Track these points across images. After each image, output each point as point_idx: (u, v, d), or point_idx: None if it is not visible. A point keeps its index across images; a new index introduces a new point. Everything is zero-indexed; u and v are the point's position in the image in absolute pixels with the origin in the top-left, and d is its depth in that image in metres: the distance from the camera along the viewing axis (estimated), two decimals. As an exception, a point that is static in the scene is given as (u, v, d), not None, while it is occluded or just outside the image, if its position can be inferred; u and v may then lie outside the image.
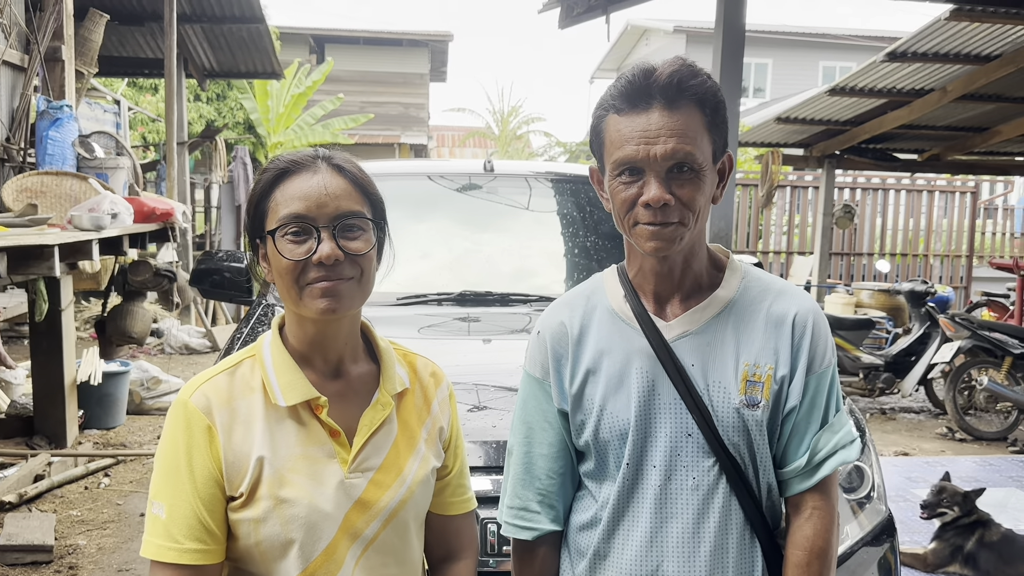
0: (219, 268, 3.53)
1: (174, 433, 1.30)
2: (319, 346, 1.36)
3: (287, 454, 1.30)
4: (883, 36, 21.86)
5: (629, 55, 26.41)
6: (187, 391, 1.33)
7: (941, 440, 6.61)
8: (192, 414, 1.30)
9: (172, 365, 8.22)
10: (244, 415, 1.31)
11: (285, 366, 1.33)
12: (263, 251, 1.36)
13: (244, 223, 1.42)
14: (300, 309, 1.32)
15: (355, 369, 1.39)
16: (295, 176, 1.32)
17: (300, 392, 1.32)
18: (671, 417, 1.38)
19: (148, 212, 5.17)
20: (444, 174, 3.74)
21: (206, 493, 1.28)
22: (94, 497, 4.74)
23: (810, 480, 1.39)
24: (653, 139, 1.30)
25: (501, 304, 3.11)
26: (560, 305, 1.51)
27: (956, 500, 4.05)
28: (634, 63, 1.39)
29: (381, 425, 1.37)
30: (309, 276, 1.29)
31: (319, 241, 1.29)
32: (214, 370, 1.36)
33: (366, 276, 1.34)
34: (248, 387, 1.34)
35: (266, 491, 1.28)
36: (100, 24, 6.13)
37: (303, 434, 1.32)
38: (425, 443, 1.42)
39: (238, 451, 1.29)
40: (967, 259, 12.72)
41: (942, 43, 6.93)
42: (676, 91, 1.31)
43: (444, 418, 1.47)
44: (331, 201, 1.30)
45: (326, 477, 1.31)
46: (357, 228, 1.32)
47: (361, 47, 21.35)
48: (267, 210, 1.33)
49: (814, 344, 1.39)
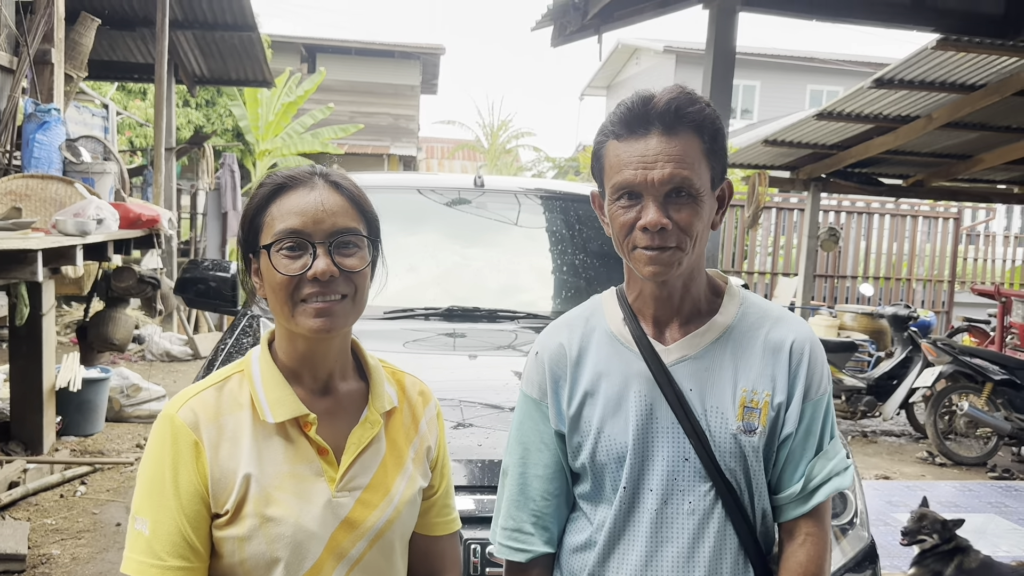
0: (204, 277, 3.51)
1: (160, 448, 1.28)
2: (309, 363, 1.35)
3: (274, 471, 1.29)
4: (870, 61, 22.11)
5: (619, 73, 26.56)
6: (174, 405, 1.31)
7: (921, 464, 6.64)
8: (179, 429, 1.28)
9: (153, 372, 8.14)
10: (231, 431, 1.30)
11: (274, 382, 1.32)
12: (256, 265, 1.35)
13: (238, 236, 1.41)
14: (292, 326, 1.31)
15: (344, 386, 1.38)
16: (292, 191, 1.32)
17: (289, 409, 1.30)
18: (669, 441, 1.38)
19: (134, 218, 5.13)
20: (434, 188, 3.74)
21: (191, 510, 1.26)
22: (70, 505, 4.68)
23: (804, 506, 1.40)
24: (651, 164, 1.31)
25: (488, 320, 3.11)
26: (559, 326, 1.51)
27: (936, 528, 4.06)
28: (623, 81, 1.41)
29: (369, 444, 1.36)
30: (303, 292, 1.28)
31: (314, 257, 1.28)
32: (201, 385, 1.35)
33: (360, 294, 1.33)
34: (236, 403, 1.32)
35: (252, 509, 1.26)
36: (91, 28, 6.11)
37: (291, 451, 1.30)
38: (412, 462, 1.41)
39: (224, 468, 1.27)
40: (949, 284, 12.83)
41: (929, 71, 7.01)
42: (674, 117, 1.32)
43: (432, 437, 1.47)
44: (327, 217, 1.30)
45: (313, 496, 1.29)
46: (353, 245, 1.31)
47: (353, 57, 21.37)
48: (262, 224, 1.33)
49: (811, 372, 1.40)
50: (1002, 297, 8.43)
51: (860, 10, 5.66)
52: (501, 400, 2.47)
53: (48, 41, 5.32)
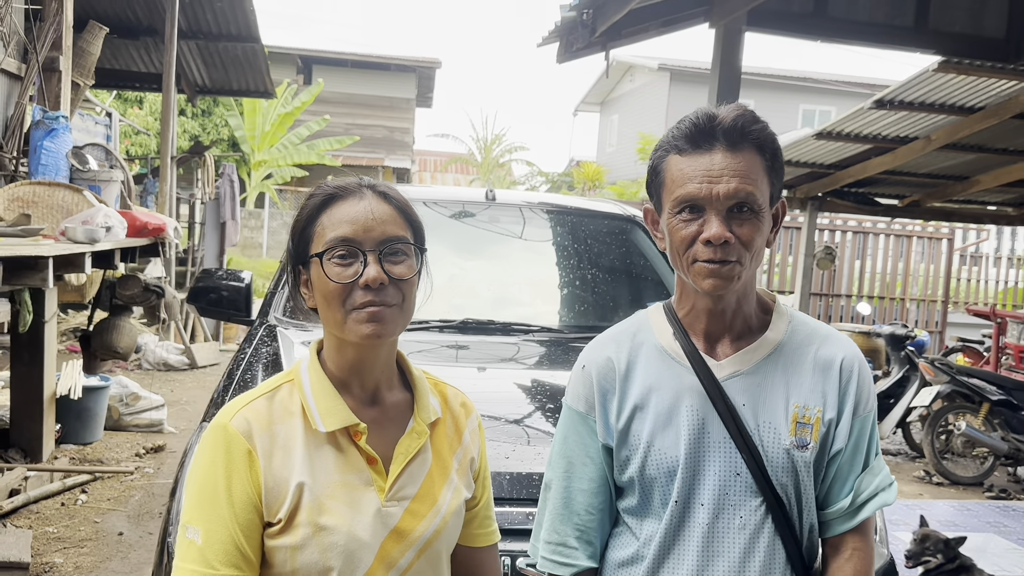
0: (218, 287, 3.51)
1: (212, 456, 1.29)
2: (358, 372, 1.36)
3: (326, 480, 1.30)
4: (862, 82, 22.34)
5: (613, 90, 26.71)
6: (226, 414, 1.32)
7: (919, 483, 6.67)
8: (233, 438, 1.29)
9: (150, 381, 8.11)
10: (283, 440, 1.31)
11: (324, 391, 1.34)
12: (305, 277, 1.37)
13: (288, 248, 1.42)
14: (344, 333, 1.32)
15: (390, 397, 1.40)
16: (342, 201, 1.34)
17: (340, 418, 1.32)
18: (720, 456, 1.39)
19: (140, 226, 5.13)
20: (447, 201, 3.76)
21: (244, 518, 1.26)
22: (71, 514, 4.65)
23: (852, 521, 1.42)
24: (716, 178, 1.33)
25: (503, 333, 3.12)
26: (605, 340, 1.52)
27: (939, 548, 4.08)
28: (618, 97, 1.44)
29: (416, 454, 1.37)
30: (355, 300, 1.30)
31: (365, 264, 1.30)
32: (252, 394, 1.36)
33: (408, 302, 1.35)
34: (287, 412, 1.33)
35: (305, 518, 1.27)
36: (99, 36, 6.12)
37: (341, 460, 1.32)
38: (457, 473, 1.42)
39: (278, 476, 1.28)
40: (943, 304, 12.92)
41: (929, 93, 7.08)
42: (739, 135, 1.35)
43: (475, 448, 1.48)
44: (377, 226, 1.32)
45: (364, 505, 1.31)
46: (401, 253, 1.33)
47: (349, 70, 21.45)
48: (313, 235, 1.35)
49: (860, 389, 1.43)
50: (997, 318, 8.50)
51: (864, 32, 5.73)
52: (522, 412, 2.48)
53: (56, 49, 5.32)
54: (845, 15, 5.65)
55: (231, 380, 2.57)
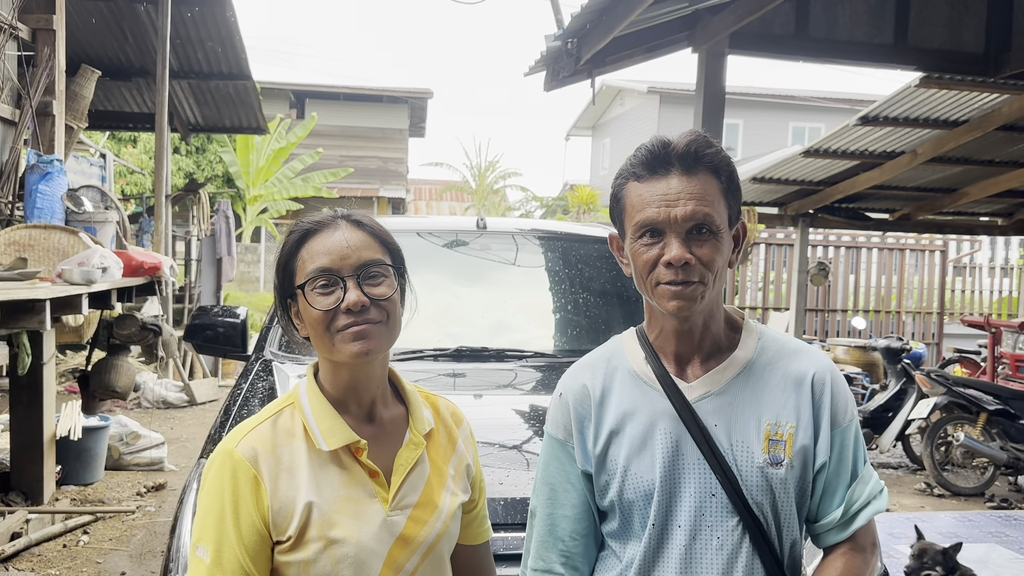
0: (214, 323, 3.55)
1: (219, 481, 1.36)
2: (354, 391, 1.44)
3: (332, 496, 1.38)
4: (850, 98, 22.53)
5: (604, 114, 26.92)
6: (232, 440, 1.39)
7: (920, 496, 6.67)
8: (238, 464, 1.36)
9: (150, 420, 8.11)
10: (288, 462, 1.38)
11: (324, 412, 1.41)
12: (295, 309, 1.45)
13: (275, 284, 1.50)
14: (334, 355, 1.40)
15: (386, 412, 1.48)
16: (318, 235, 1.43)
17: (341, 437, 1.40)
18: (695, 477, 1.41)
19: (136, 266, 5.17)
20: (438, 231, 3.80)
21: (249, 540, 1.34)
22: (73, 555, 4.65)
23: (845, 532, 1.44)
24: (673, 202, 1.37)
25: (497, 360, 3.15)
26: (581, 368, 1.55)
27: (938, 560, 4.08)
28: (609, 121, 1.48)
29: (415, 464, 1.45)
30: (339, 323, 1.38)
31: (346, 290, 1.38)
32: (256, 419, 1.44)
33: (393, 319, 1.43)
34: (290, 434, 1.41)
35: (316, 533, 1.35)
36: (92, 80, 6.20)
37: (345, 476, 1.40)
38: (453, 480, 1.51)
39: (284, 497, 1.36)
40: (938, 316, 12.96)
41: (912, 108, 7.18)
42: (693, 159, 1.39)
43: (469, 455, 1.57)
44: (353, 252, 1.41)
45: (370, 516, 1.39)
46: (380, 275, 1.42)
47: (341, 103, 21.61)
48: (295, 269, 1.44)
49: (835, 400, 1.44)
50: (992, 328, 8.53)
51: (844, 50, 5.82)
52: (517, 438, 2.51)
53: (50, 93, 5.39)
54: (826, 35, 5.75)
55: (228, 416, 2.60)
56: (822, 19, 5.72)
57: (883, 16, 5.74)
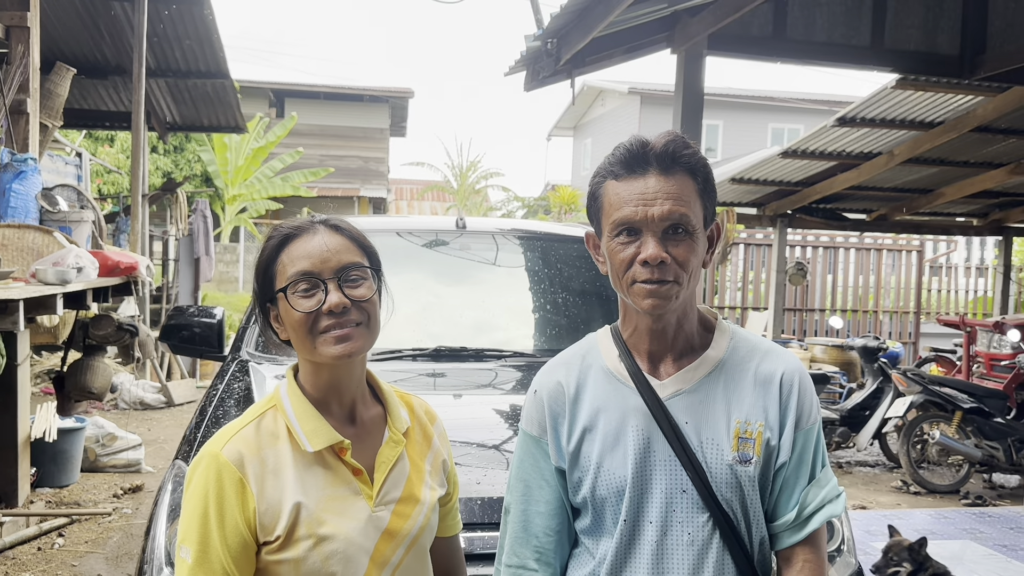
0: (190, 324, 3.52)
1: (204, 483, 1.38)
2: (335, 391, 1.47)
3: (318, 496, 1.41)
4: (829, 100, 22.71)
5: (585, 114, 26.98)
6: (217, 443, 1.41)
7: (897, 493, 6.73)
8: (224, 467, 1.38)
9: (127, 421, 8.04)
10: (273, 464, 1.41)
11: (307, 414, 1.44)
12: (275, 313, 1.47)
13: (254, 289, 1.52)
14: (316, 357, 1.43)
15: (366, 412, 1.52)
16: (298, 239, 1.46)
17: (325, 438, 1.42)
18: (666, 474, 1.42)
19: (112, 266, 5.13)
20: (418, 230, 3.80)
21: (232, 543, 1.36)
22: (48, 558, 4.60)
23: (800, 534, 1.45)
24: (650, 201, 1.38)
25: (476, 359, 3.15)
26: (556, 365, 1.56)
27: (904, 556, 4.12)
28: (590, 122, 1.49)
29: (396, 461, 1.49)
30: (321, 325, 1.41)
31: (327, 292, 1.41)
32: (240, 423, 1.46)
33: (373, 320, 1.46)
34: (274, 436, 1.43)
35: (305, 531, 1.38)
36: (67, 78, 6.14)
37: (330, 476, 1.43)
38: (430, 475, 1.56)
39: (271, 499, 1.38)
40: (915, 315, 13.09)
41: (889, 110, 7.25)
42: (671, 159, 1.40)
43: (444, 451, 1.62)
44: (333, 256, 1.44)
45: (356, 512, 1.43)
46: (359, 278, 1.45)
47: (321, 102, 21.51)
48: (275, 273, 1.46)
49: (800, 402, 1.46)
50: (967, 327, 8.63)
51: (821, 52, 5.87)
52: (495, 438, 2.51)
53: (24, 91, 5.33)
54: (803, 36, 5.79)
55: (204, 416, 2.59)
56: (800, 21, 5.76)
57: (860, 18, 5.79)
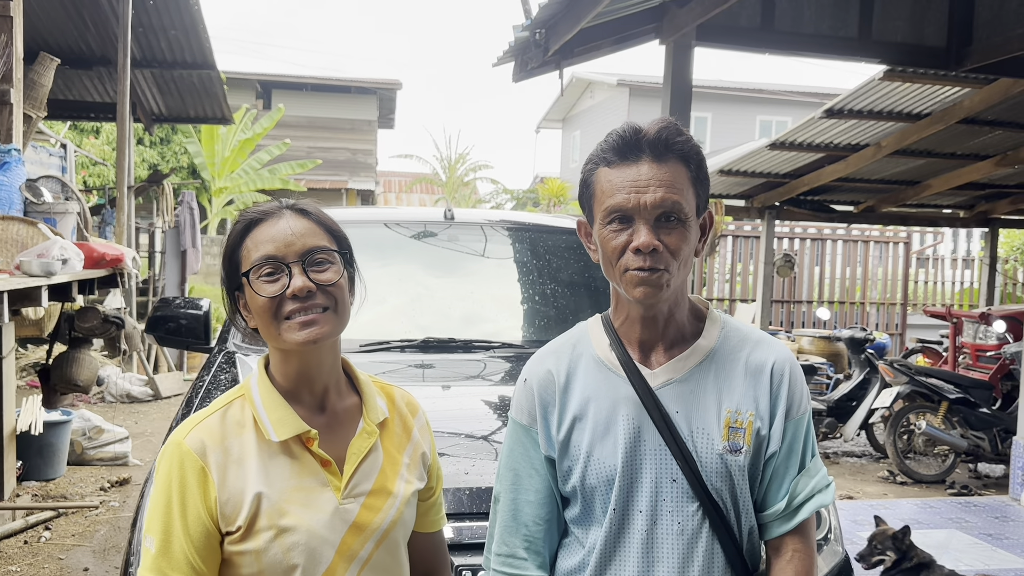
0: (176, 315, 3.50)
1: (168, 472, 1.37)
2: (305, 380, 1.44)
3: (283, 486, 1.38)
4: (817, 92, 22.75)
5: (574, 107, 26.95)
6: (181, 433, 1.39)
7: (883, 483, 6.78)
8: (186, 456, 1.36)
9: (114, 414, 8.00)
10: (237, 454, 1.38)
11: (274, 403, 1.41)
12: (243, 300, 1.44)
13: (221, 277, 1.49)
14: (281, 343, 1.40)
15: (340, 402, 1.48)
16: (263, 224, 1.43)
17: (291, 427, 1.39)
18: (656, 463, 1.42)
19: (98, 258, 5.08)
20: (406, 222, 3.78)
21: (195, 532, 1.34)
22: (34, 552, 4.57)
23: (789, 523, 1.45)
24: (643, 188, 1.37)
25: (464, 351, 3.15)
26: (546, 353, 1.55)
27: (887, 544, 4.15)
28: (579, 114, 1.47)
29: (368, 453, 1.46)
30: (286, 310, 1.38)
31: (291, 276, 1.39)
32: (206, 412, 1.43)
33: (341, 305, 1.42)
34: (240, 426, 1.41)
35: (266, 523, 1.35)
36: (50, 68, 6.07)
37: (296, 466, 1.40)
38: (407, 468, 1.51)
39: (233, 489, 1.36)
40: (902, 307, 13.16)
41: (876, 101, 7.27)
42: (664, 146, 1.39)
43: (425, 444, 1.57)
44: (297, 239, 1.41)
45: (322, 504, 1.39)
46: (325, 261, 1.42)
47: (308, 93, 21.40)
48: (241, 259, 1.43)
49: (791, 391, 1.46)
50: (953, 318, 8.68)
51: (809, 43, 5.87)
52: (484, 428, 2.51)
53: (7, 81, 5.26)
54: (791, 28, 5.78)
55: (190, 408, 2.57)
56: (788, 12, 5.76)
57: (847, 10, 5.79)
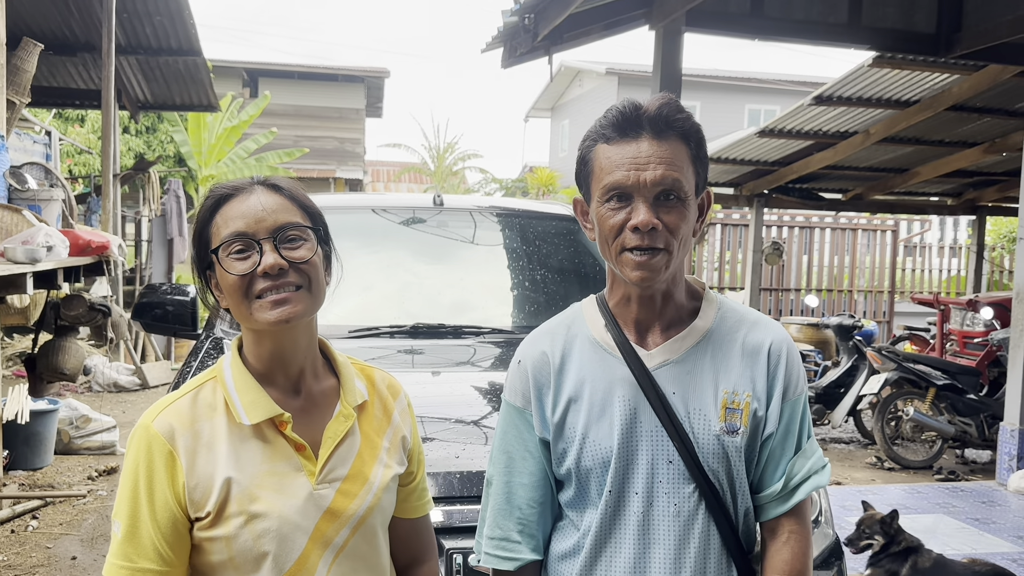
0: (163, 302, 3.46)
1: (136, 456, 1.33)
2: (279, 361, 1.39)
3: (254, 471, 1.33)
4: (805, 80, 22.76)
5: (563, 95, 26.89)
6: (150, 415, 1.35)
7: (871, 469, 6.81)
8: (154, 439, 1.32)
9: (101, 403, 7.95)
10: (207, 437, 1.34)
11: (247, 385, 1.36)
12: (215, 280, 1.39)
13: (191, 256, 1.44)
14: (253, 323, 1.35)
15: (316, 385, 1.43)
16: (233, 200, 1.38)
17: (263, 410, 1.35)
18: (652, 444, 1.40)
19: (83, 245, 5.04)
20: (396, 208, 3.76)
21: (162, 518, 1.30)
22: (21, 541, 4.54)
23: (785, 505, 1.43)
24: (643, 165, 1.35)
25: (454, 336, 3.13)
26: (540, 335, 1.53)
27: (876, 529, 4.17)
28: (567, 103, 1.45)
29: (345, 437, 1.41)
30: (257, 289, 1.33)
31: (262, 254, 1.33)
32: (176, 394, 1.38)
33: (315, 284, 1.37)
34: (211, 409, 1.36)
35: (236, 508, 1.31)
36: (34, 54, 6.00)
37: (269, 451, 1.35)
38: (387, 452, 1.46)
39: (202, 474, 1.31)
40: (889, 294, 13.22)
41: (865, 88, 7.27)
42: (664, 123, 1.36)
43: (406, 427, 1.52)
44: (269, 216, 1.35)
45: (295, 490, 1.34)
46: (298, 238, 1.36)
47: (296, 81, 21.26)
48: (210, 236, 1.38)
49: (788, 372, 1.44)
50: (941, 305, 8.71)
51: (799, 30, 5.86)
52: (474, 413, 2.49)
53: (-10, 67, 5.21)
54: (781, 14, 5.78)
55: (178, 394, 2.55)
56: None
57: (837, -4, 5.79)
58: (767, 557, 1.44)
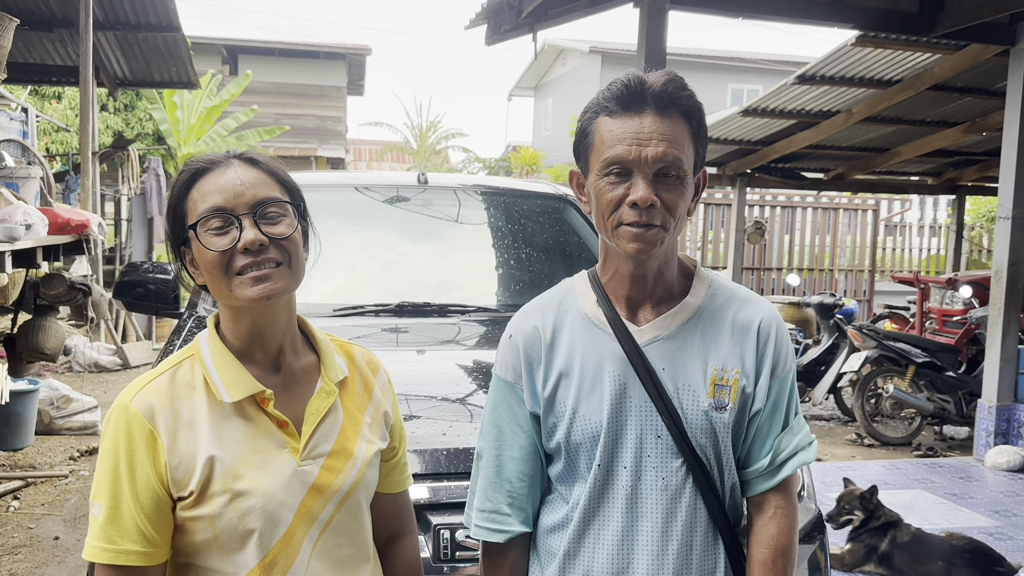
0: (144, 280, 3.43)
1: (115, 437, 1.30)
2: (258, 338, 1.37)
3: (237, 449, 1.32)
4: (788, 60, 22.78)
5: (546, 74, 26.76)
6: (128, 395, 1.32)
7: (851, 446, 6.90)
8: (133, 419, 1.30)
9: (82, 384, 7.90)
10: (188, 416, 1.32)
11: (226, 363, 1.34)
12: (189, 256, 1.37)
13: (165, 231, 1.41)
14: (233, 301, 1.33)
15: (296, 362, 1.42)
16: (210, 174, 1.35)
17: (244, 387, 1.33)
18: (641, 419, 1.41)
19: (63, 224, 4.99)
20: (380, 186, 3.74)
21: (145, 497, 1.28)
22: (3, 521, 4.52)
23: (772, 480, 1.45)
24: (645, 141, 1.34)
25: (439, 315, 3.13)
26: (531, 310, 1.53)
27: (855, 504, 4.23)
28: (551, 81, 1.44)
29: (327, 413, 1.40)
30: (236, 265, 1.31)
31: (241, 229, 1.31)
32: (154, 373, 1.36)
33: (295, 260, 1.35)
34: (190, 387, 1.34)
35: (220, 487, 1.29)
36: (9, 28, 5.89)
37: (251, 428, 1.34)
38: (369, 428, 1.46)
39: (183, 453, 1.30)
40: (870, 273, 13.32)
41: (848, 67, 7.28)
42: (668, 100, 1.36)
43: (387, 403, 1.52)
44: (247, 190, 1.33)
45: (279, 467, 1.33)
46: (278, 214, 1.35)
47: (276, 59, 21.04)
48: (186, 211, 1.35)
49: (777, 349, 1.46)
50: (920, 284, 8.79)
51: (784, 8, 5.85)
52: (460, 391, 2.50)
53: (-36, 42, 5.13)
54: (765, -9, 5.76)
55: (161, 373, 2.53)
56: (762, -24, 5.73)
57: (822, -26, 5.78)
58: (753, 532, 1.46)
